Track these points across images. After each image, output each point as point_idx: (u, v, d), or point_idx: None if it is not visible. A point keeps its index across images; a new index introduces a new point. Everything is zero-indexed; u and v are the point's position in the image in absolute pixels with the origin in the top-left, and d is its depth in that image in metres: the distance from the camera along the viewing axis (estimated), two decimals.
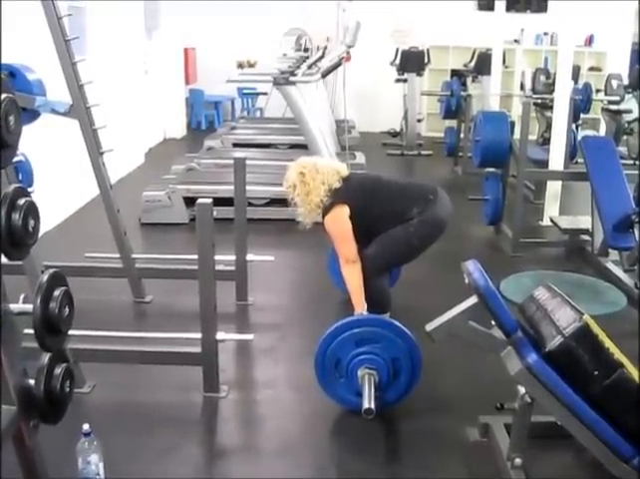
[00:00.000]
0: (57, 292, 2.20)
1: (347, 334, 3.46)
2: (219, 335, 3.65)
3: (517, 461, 2.89)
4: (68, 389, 2.34)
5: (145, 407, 3.65)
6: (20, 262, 3.15)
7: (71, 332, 2.36)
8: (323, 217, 4.00)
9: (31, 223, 2.13)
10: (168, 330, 3.98)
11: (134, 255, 4.91)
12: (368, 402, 3.24)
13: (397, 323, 3.51)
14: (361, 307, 3.91)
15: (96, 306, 4.60)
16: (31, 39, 5.33)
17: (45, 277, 2.19)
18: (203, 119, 12.55)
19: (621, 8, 10.56)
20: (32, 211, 2.13)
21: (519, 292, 4.43)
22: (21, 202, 2.11)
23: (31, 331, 2.16)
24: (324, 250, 4.91)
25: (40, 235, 2.22)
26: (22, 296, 2.28)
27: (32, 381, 2.25)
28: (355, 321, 3.57)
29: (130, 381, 3.89)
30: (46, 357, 2.28)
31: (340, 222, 3.93)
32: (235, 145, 9.52)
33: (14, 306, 2.22)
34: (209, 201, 3.53)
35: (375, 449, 3.33)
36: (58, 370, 2.29)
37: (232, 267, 4.86)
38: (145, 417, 3.54)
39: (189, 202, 6.33)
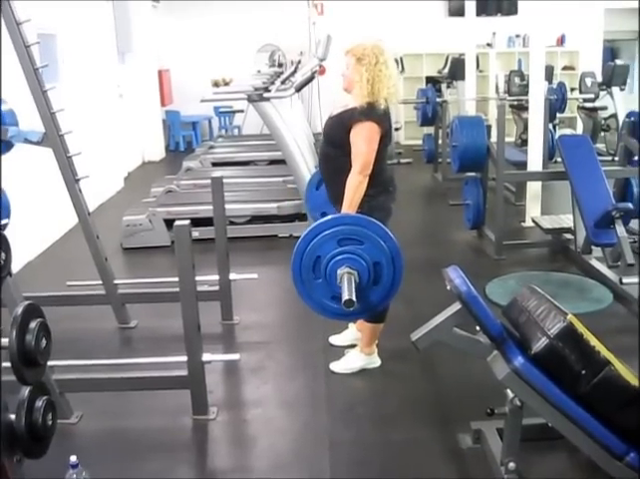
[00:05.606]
0: (33, 324, 2.17)
1: (330, 232, 3.24)
2: (205, 357, 3.62)
3: (511, 465, 2.87)
4: (50, 422, 2.30)
5: (134, 434, 3.60)
6: None
7: (56, 363, 2.33)
8: (355, 119, 3.71)
9: (2, 256, 2.10)
10: (155, 355, 3.95)
11: (116, 281, 4.86)
12: (348, 294, 3.05)
13: (382, 226, 3.31)
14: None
15: (80, 335, 4.57)
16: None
17: (20, 310, 2.16)
18: (181, 140, 12.55)
19: (590, 7, 10.65)
20: (2, 244, 2.11)
21: (505, 295, 4.43)
22: None
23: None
24: None
25: (22, 265, 2.21)
26: None
27: (13, 416, 2.21)
28: (340, 218, 3.36)
29: (118, 409, 3.84)
30: (26, 391, 2.24)
31: (373, 134, 3.69)
32: (214, 164, 9.51)
33: None
34: (187, 222, 3.50)
35: (368, 461, 3.29)
36: (39, 403, 2.26)
37: (216, 287, 4.83)
38: (134, 444, 3.50)
39: (170, 224, 6.28)
